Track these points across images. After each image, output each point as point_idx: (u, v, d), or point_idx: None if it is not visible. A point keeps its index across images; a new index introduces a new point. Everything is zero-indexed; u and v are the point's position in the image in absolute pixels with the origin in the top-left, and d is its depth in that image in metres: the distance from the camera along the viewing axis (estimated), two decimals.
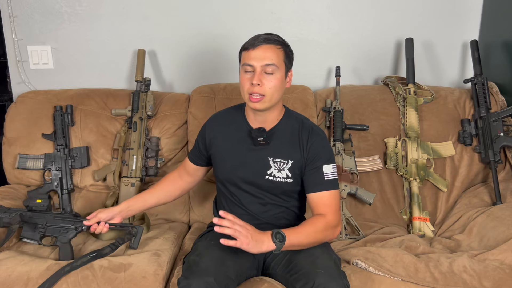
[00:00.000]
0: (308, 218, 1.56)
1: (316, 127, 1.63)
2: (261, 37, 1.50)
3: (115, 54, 2.33)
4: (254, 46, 1.49)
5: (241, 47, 1.55)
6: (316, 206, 1.56)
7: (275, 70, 1.49)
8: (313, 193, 1.56)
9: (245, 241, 1.35)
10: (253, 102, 1.50)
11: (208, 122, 1.73)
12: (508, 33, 2.19)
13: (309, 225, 1.50)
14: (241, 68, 1.54)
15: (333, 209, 1.54)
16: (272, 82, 1.49)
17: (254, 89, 1.48)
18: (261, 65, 1.48)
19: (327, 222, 1.51)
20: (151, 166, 2.08)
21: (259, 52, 1.48)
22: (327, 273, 1.39)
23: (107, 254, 1.66)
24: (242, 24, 2.31)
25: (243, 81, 1.52)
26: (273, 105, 1.54)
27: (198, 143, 1.74)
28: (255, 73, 1.48)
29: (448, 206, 2.11)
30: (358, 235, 1.96)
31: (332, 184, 1.56)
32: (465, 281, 1.53)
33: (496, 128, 2.10)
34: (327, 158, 1.58)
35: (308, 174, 1.57)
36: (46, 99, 2.18)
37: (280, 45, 1.52)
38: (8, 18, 2.26)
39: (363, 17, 2.35)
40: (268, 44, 1.49)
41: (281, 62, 1.51)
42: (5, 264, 1.57)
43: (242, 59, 1.54)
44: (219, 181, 1.70)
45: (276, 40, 1.52)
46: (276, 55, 1.49)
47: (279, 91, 1.52)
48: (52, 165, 2.06)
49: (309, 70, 2.38)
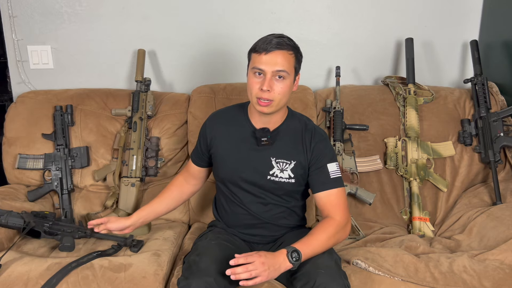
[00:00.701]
0: (318, 223, 1.54)
1: (318, 128, 1.64)
2: (273, 42, 1.46)
3: (115, 54, 2.33)
4: (267, 50, 1.46)
5: (252, 47, 1.52)
6: (324, 206, 1.56)
7: (286, 76, 1.48)
8: (320, 192, 1.56)
9: (264, 275, 1.34)
10: (261, 106, 1.49)
11: (208, 121, 1.71)
12: (508, 33, 2.19)
13: (321, 233, 1.49)
14: (250, 70, 1.51)
15: (341, 208, 1.54)
16: (281, 88, 1.48)
17: (263, 95, 1.47)
18: (272, 71, 1.46)
19: (338, 225, 1.51)
20: (151, 166, 2.08)
21: (271, 57, 1.46)
22: (328, 273, 1.39)
23: (110, 255, 1.69)
24: (242, 24, 2.31)
25: (252, 84, 1.50)
26: (280, 109, 1.55)
27: (199, 143, 1.72)
28: (265, 78, 1.47)
29: (448, 206, 2.11)
30: (358, 235, 1.96)
31: (338, 182, 1.57)
32: (465, 281, 1.53)
33: (496, 128, 2.10)
34: (331, 157, 1.59)
35: (314, 174, 1.58)
36: (46, 99, 2.18)
37: (292, 50, 1.49)
38: (8, 18, 2.26)
39: (363, 17, 2.35)
40: (281, 50, 1.47)
41: (291, 68, 1.49)
42: (5, 264, 1.57)
43: (252, 62, 1.51)
44: (219, 180, 1.69)
45: (288, 45, 1.49)
46: (287, 62, 1.48)
47: (286, 96, 1.52)
48: (52, 165, 2.07)
49: (309, 70, 2.37)
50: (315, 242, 1.46)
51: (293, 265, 1.39)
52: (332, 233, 1.49)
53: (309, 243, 1.45)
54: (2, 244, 1.73)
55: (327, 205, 1.55)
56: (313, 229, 1.52)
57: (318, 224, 1.53)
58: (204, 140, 1.69)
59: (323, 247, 1.47)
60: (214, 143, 1.66)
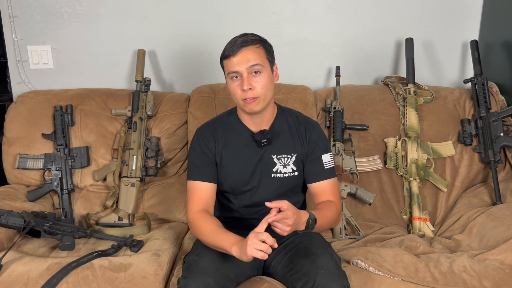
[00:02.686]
0: (323, 204, 1.57)
1: (310, 119, 1.67)
2: (238, 42, 1.49)
3: (115, 54, 2.33)
4: (234, 52, 1.47)
5: (221, 55, 1.53)
6: (320, 195, 1.60)
7: (261, 69, 1.49)
8: (315, 183, 1.61)
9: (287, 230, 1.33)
10: (249, 104, 1.50)
11: (201, 133, 1.62)
12: (508, 33, 2.19)
13: (328, 210, 1.53)
14: (227, 76, 1.53)
15: (336, 196, 1.60)
16: (262, 82, 1.49)
17: (247, 95, 1.48)
18: (246, 68, 1.47)
19: (338, 208, 1.58)
20: (151, 166, 2.08)
21: (241, 56, 1.47)
22: (327, 273, 1.39)
23: (110, 255, 1.69)
24: (242, 24, 2.31)
25: (233, 89, 1.51)
26: (268, 104, 1.55)
27: (203, 155, 1.59)
28: (242, 79, 1.48)
29: (448, 206, 2.11)
30: (358, 235, 1.96)
31: (332, 172, 1.63)
32: (465, 281, 1.53)
33: (496, 128, 2.10)
34: (325, 147, 1.63)
35: (309, 165, 1.61)
36: (46, 99, 2.18)
37: (258, 43, 1.51)
38: (8, 18, 2.26)
39: (363, 17, 2.35)
40: (247, 47, 1.48)
41: (264, 60, 1.50)
42: (5, 264, 1.57)
43: (226, 68, 1.52)
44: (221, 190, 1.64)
45: (253, 40, 1.50)
46: (257, 55, 1.49)
47: (270, 89, 1.53)
48: (52, 165, 2.07)
49: (309, 70, 2.38)
50: (325, 217, 1.49)
51: (304, 231, 1.40)
52: (336, 214, 1.55)
53: (322, 216, 1.46)
54: (2, 244, 1.73)
55: (323, 193, 1.60)
56: (321, 207, 1.54)
57: (322, 205, 1.56)
58: (207, 149, 1.60)
59: (328, 224, 1.53)
60: (217, 152, 1.61)
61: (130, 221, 2.01)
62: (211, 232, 1.45)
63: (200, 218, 1.50)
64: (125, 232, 1.91)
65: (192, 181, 1.58)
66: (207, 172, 1.58)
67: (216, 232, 1.44)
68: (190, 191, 1.58)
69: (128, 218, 2.01)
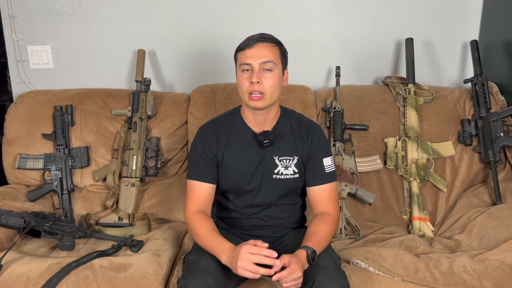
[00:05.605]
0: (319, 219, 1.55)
1: (312, 122, 1.67)
2: (255, 37, 1.51)
3: (115, 54, 2.33)
4: (250, 45, 1.49)
5: (236, 48, 1.55)
6: (318, 201, 1.59)
7: (273, 67, 1.50)
8: (314, 186, 1.60)
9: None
10: (254, 100, 1.50)
11: (203, 132, 1.62)
12: (508, 33, 2.19)
13: (325, 226, 1.52)
14: (238, 68, 1.54)
15: (334, 203, 1.60)
16: (271, 80, 1.49)
17: (253, 88, 1.48)
18: (259, 63, 1.48)
19: (334, 219, 1.57)
20: (151, 166, 2.08)
21: (256, 50, 1.49)
22: (327, 273, 1.39)
23: (110, 255, 1.69)
24: (242, 24, 2.31)
25: (241, 81, 1.52)
26: (273, 103, 1.55)
27: (205, 156, 1.59)
28: (253, 72, 1.49)
29: (448, 206, 2.11)
30: (358, 235, 1.96)
31: (332, 176, 1.62)
32: (465, 281, 1.53)
33: (496, 128, 2.10)
34: (326, 151, 1.63)
35: (310, 168, 1.61)
36: (46, 99, 2.18)
37: (275, 43, 1.53)
38: (8, 18, 2.26)
39: (363, 17, 2.35)
40: (264, 43, 1.50)
41: (277, 59, 1.52)
42: (5, 264, 1.57)
43: (238, 60, 1.54)
44: (222, 190, 1.64)
45: (271, 39, 1.53)
46: (272, 52, 1.50)
47: (277, 89, 1.53)
48: (52, 165, 2.07)
49: (309, 70, 2.38)
50: (324, 241, 1.49)
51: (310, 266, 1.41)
52: (333, 229, 1.55)
53: (318, 240, 1.46)
54: (2, 244, 1.73)
55: (321, 200, 1.59)
56: (316, 226, 1.52)
57: (319, 220, 1.54)
58: (209, 149, 1.60)
59: (327, 243, 1.52)
60: (219, 152, 1.61)
61: (130, 221, 2.01)
62: (205, 236, 1.48)
63: (196, 220, 1.53)
64: (125, 232, 1.91)
65: (192, 181, 1.59)
66: (207, 172, 1.59)
67: (210, 237, 1.47)
68: (189, 190, 1.60)
69: (128, 218, 2.01)
